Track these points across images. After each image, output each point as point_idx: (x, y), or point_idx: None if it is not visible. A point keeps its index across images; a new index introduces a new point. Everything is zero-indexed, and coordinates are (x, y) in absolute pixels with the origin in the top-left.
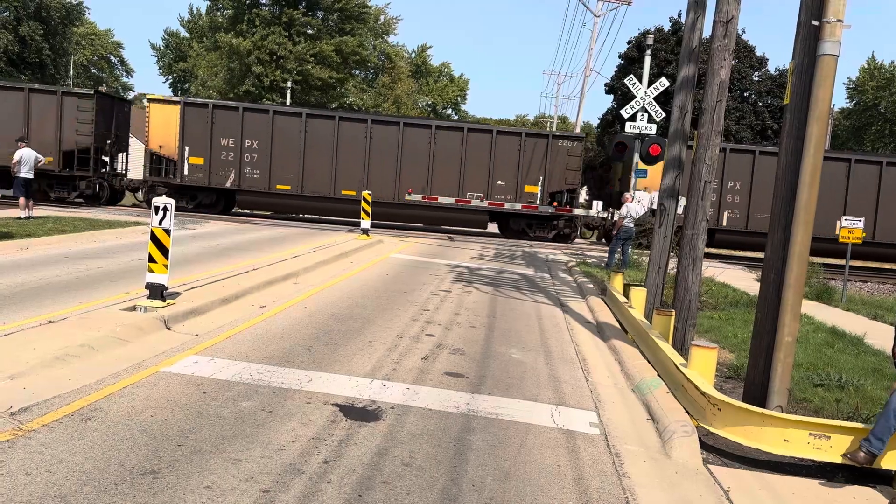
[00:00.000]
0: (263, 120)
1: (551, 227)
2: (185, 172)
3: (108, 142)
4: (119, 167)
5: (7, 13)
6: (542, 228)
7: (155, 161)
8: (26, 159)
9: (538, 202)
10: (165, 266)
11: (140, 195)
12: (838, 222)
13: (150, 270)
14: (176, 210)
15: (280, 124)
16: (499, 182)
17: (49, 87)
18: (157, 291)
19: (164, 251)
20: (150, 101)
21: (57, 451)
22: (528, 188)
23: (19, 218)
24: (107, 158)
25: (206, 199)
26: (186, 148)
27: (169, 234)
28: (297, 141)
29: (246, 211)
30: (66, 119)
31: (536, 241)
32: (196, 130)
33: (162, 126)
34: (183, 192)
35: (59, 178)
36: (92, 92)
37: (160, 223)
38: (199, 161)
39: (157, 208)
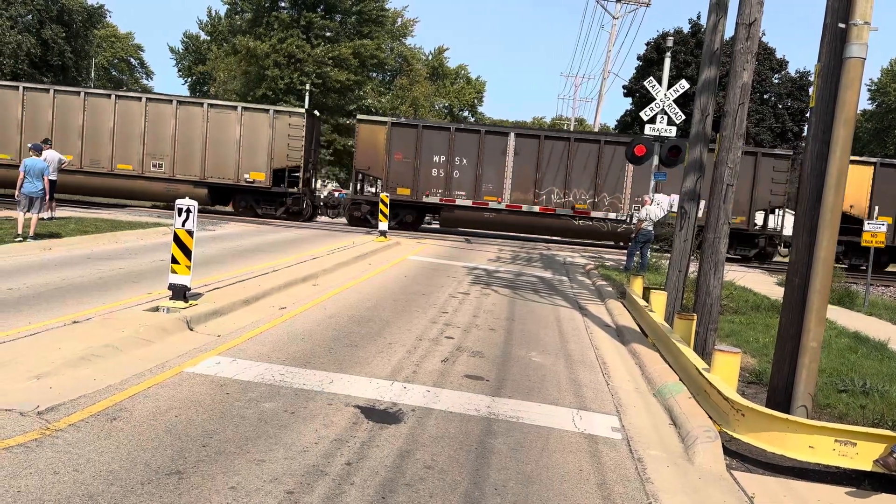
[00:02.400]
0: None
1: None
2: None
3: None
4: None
5: (30, 17)
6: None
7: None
8: (50, 160)
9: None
10: (188, 267)
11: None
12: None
13: (173, 271)
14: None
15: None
16: None
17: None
18: (179, 292)
19: (186, 252)
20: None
21: (84, 450)
22: None
23: (42, 218)
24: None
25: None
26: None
27: (192, 236)
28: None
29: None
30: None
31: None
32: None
33: None
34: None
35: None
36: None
37: (183, 224)
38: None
39: (179, 210)
